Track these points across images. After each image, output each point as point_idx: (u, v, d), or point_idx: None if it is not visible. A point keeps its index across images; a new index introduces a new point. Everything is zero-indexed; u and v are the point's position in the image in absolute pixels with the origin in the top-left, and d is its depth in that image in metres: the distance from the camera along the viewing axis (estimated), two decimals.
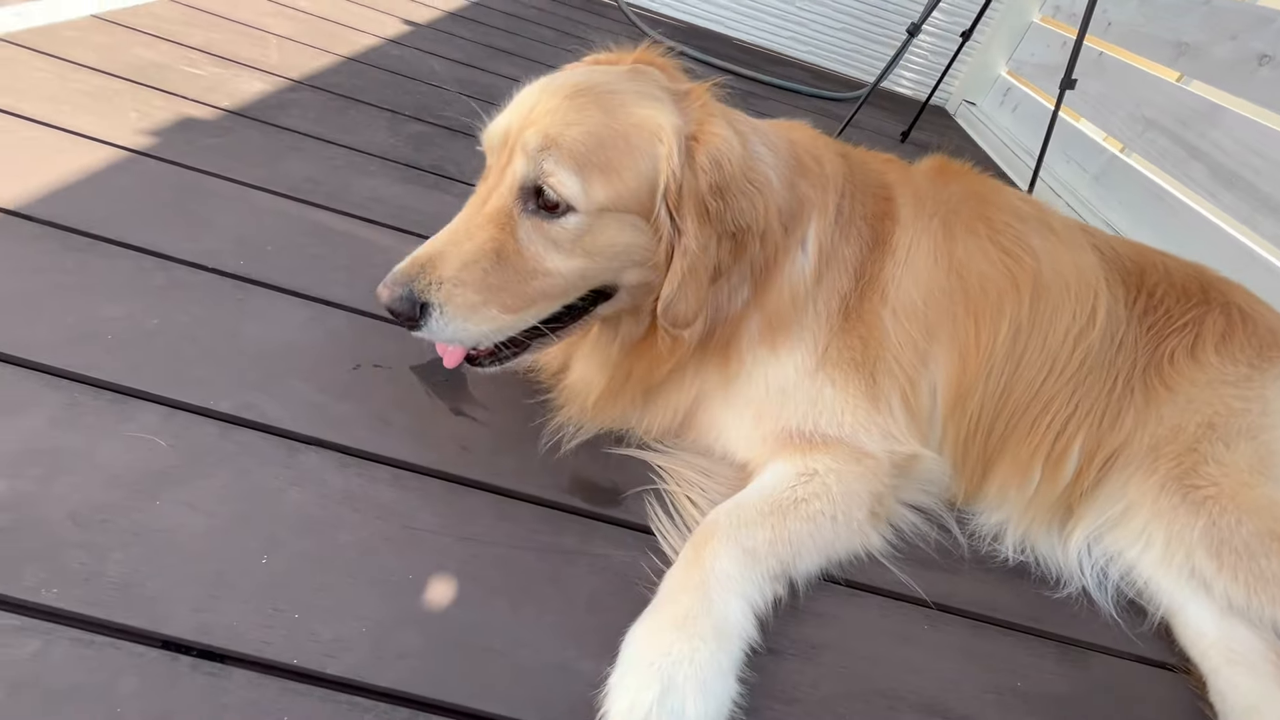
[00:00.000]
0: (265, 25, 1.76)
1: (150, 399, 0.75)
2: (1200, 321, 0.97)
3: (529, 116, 0.72)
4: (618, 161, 0.71)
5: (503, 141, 0.74)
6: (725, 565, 0.70)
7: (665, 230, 0.74)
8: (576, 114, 0.71)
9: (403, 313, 0.70)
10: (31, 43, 1.32)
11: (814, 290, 0.89)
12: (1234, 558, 0.84)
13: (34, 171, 1.00)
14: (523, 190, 0.71)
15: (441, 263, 0.70)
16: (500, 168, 0.73)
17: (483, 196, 0.74)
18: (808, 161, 0.91)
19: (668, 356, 0.82)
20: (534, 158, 0.70)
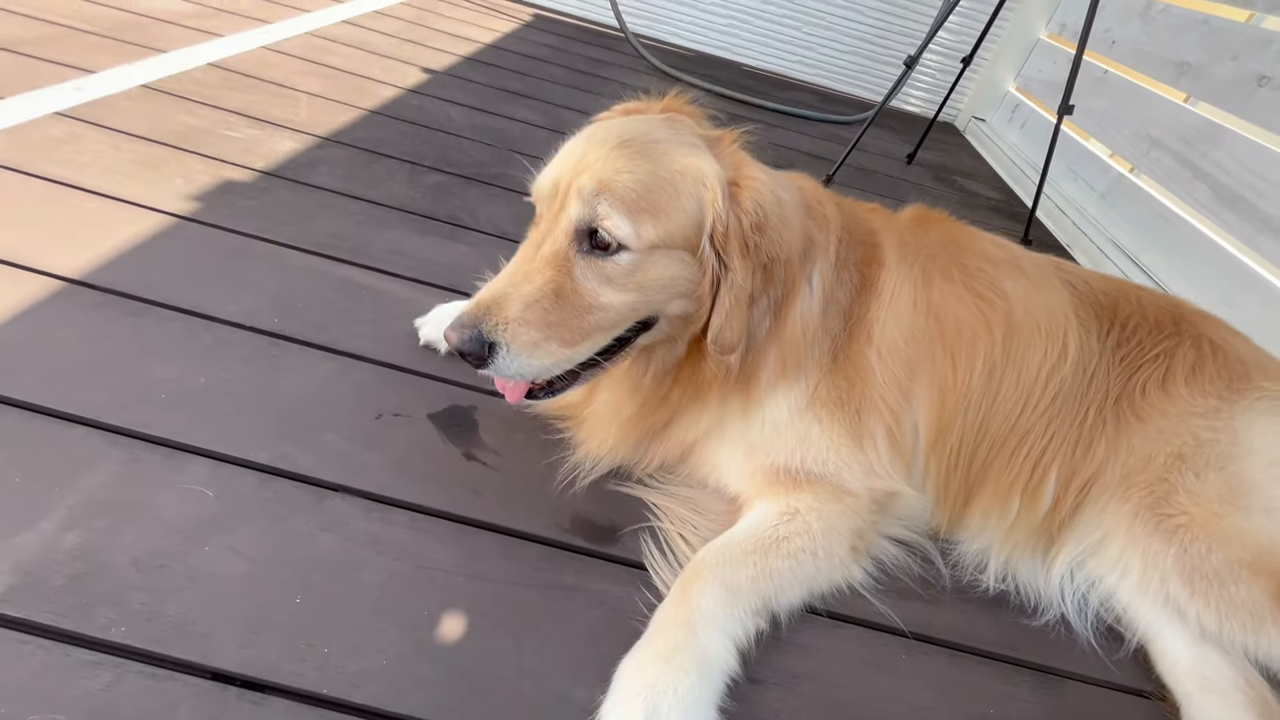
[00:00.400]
0: (296, 84, 1.89)
1: (199, 453, 0.85)
2: (1171, 354, 1.01)
3: (579, 165, 0.79)
4: (666, 204, 0.79)
5: (553, 191, 0.81)
6: (709, 602, 0.76)
7: (710, 264, 0.82)
8: (625, 162, 0.78)
9: (473, 353, 0.76)
10: (91, 116, 1.46)
11: (820, 327, 0.96)
12: (1205, 585, 0.88)
13: (95, 241, 1.12)
14: (578, 233, 0.78)
15: (506, 304, 0.76)
16: (553, 214, 0.80)
17: (536, 241, 0.81)
18: (814, 205, 0.99)
19: (711, 381, 0.90)
20: (589, 202, 0.77)
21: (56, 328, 0.96)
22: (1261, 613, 0.86)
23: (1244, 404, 0.97)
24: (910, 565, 0.97)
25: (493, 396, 1.05)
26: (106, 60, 1.70)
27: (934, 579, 0.97)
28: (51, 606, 0.66)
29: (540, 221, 0.83)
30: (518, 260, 0.81)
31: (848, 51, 3.45)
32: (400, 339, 1.11)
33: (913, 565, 0.97)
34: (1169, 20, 2.27)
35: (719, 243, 0.80)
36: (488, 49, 2.65)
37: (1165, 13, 2.30)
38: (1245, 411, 0.97)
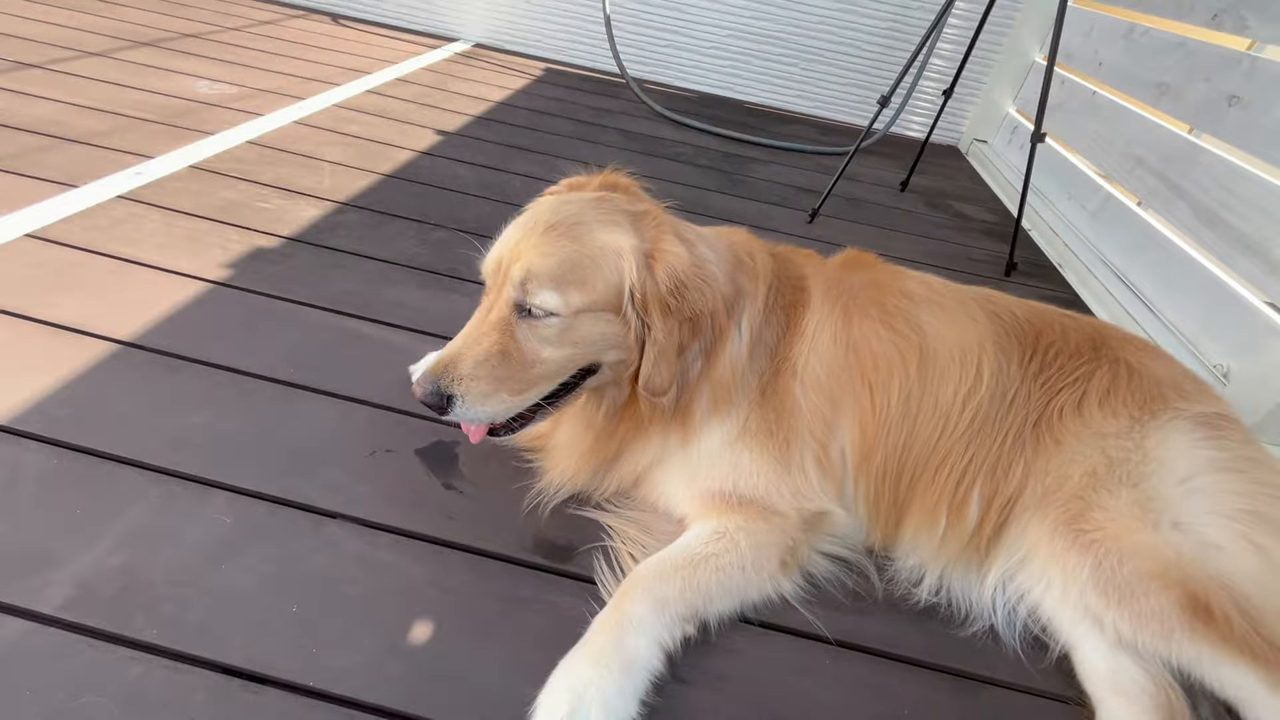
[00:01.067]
0: (322, 153, 2.13)
1: (222, 487, 1.02)
2: (1089, 378, 1.08)
3: (515, 250, 0.94)
4: (588, 276, 0.93)
5: (496, 268, 0.96)
6: (639, 610, 0.88)
7: (634, 322, 0.96)
8: (551, 246, 0.93)
9: (433, 404, 0.92)
10: (148, 197, 1.71)
11: (748, 367, 1.07)
12: (1118, 595, 0.94)
13: (147, 308, 1.33)
14: (516, 306, 0.93)
15: (460, 363, 0.92)
16: (497, 288, 0.95)
17: (486, 309, 0.96)
18: (744, 258, 1.11)
19: (651, 418, 1.03)
20: (520, 286, 0.91)
21: (112, 384, 1.15)
22: (1170, 621, 0.91)
23: (1156, 424, 1.04)
24: (845, 580, 1.06)
25: None
26: (163, 145, 1.97)
27: (867, 593, 1.05)
28: (100, 613, 0.83)
29: (489, 292, 0.97)
30: (471, 325, 0.96)
31: (845, 84, 3.56)
32: (396, 383, 1.27)
33: (848, 580, 1.06)
34: (1150, 42, 2.32)
35: (639, 305, 0.94)
36: (498, 106, 2.88)
37: (1146, 35, 2.35)
38: (1157, 431, 1.03)
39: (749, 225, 2.24)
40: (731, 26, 3.53)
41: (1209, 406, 1.06)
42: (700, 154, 2.81)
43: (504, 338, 0.93)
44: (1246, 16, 1.88)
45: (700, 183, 2.52)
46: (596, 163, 2.48)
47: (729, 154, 2.88)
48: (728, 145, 2.98)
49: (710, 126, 3.07)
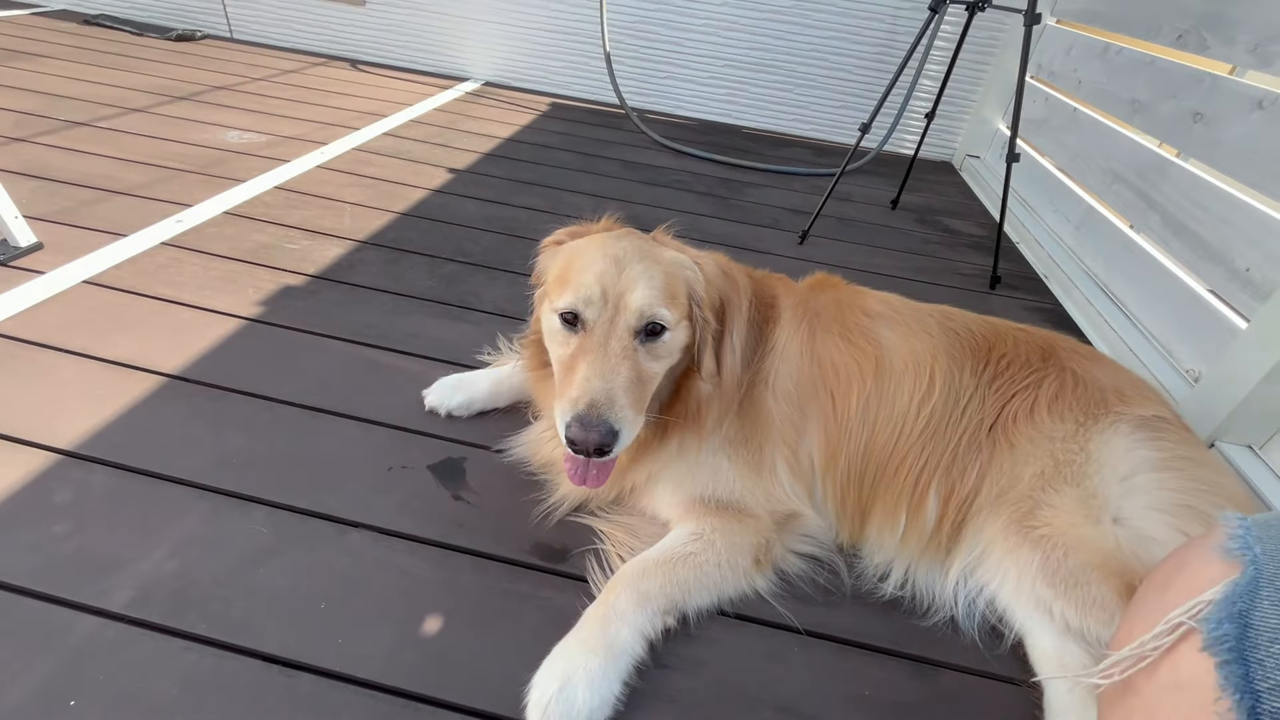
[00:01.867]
0: (343, 195, 2.31)
1: (260, 502, 1.16)
2: (1039, 385, 1.18)
3: (622, 280, 1.01)
4: (677, 291, 1.06)
5: (604, 299, 0.99)
6: (623, 603, 0.99)
7: (698, 324, 1.09)
8: (650, 269, 1.03)
9: (606, 444, 0.91)
10: (187, 243, 1.88)
11: (741, 377, 1.19)
12: (1065, 586, 1.03)
13: (190, 344, 1.49)
14: (637, 330, 1.01)
15: (615, 396, 0.94)
16: (608, 318, 0.99)
17: (599, 340, 0.98)
18: (732, 273, 1.23)
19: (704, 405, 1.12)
20: (640, 313, 1.00)
21: (162, 412, 1.31)
22: (1111, 608, 1.00)
23: (1099, 427, 1.13)
24: (816, 576, 1.16)
25: (479, 449, 1.33)
26: (199, 194, 2.16)
27: (837, 587, 1.15)
28: (159, 610, 0.97)
29: (592, 326, 1.00)
30: (595, 358, 0.97)
31: (839, 106, 3.70)
32: (410, 406, 1.41)
33: (819, 576, 1.16)
34: (1123, 61, 2.42)
35: (700, 305, 1.08)
36: (506, 143, 3.05)
37: (1120, 54, 2.45)
38: (1100, 433, 1.13)
39: (742, 248, 2.38)
40: (727, 57, 3.69)
41: (1148, 409, 1.15)
42: (698, 180, 2.96)
43: (633, 364, 0.98)
44: (1206, 37, 1.98)
45: (696, 208, 2.66)
46: (598, 193, 2.65)
47: (726, 179, 3.02)
48: (725, 170, 3.12)
49: (706, 153, 3.21)
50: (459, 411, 1.40)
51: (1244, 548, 0.67)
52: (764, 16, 3.54)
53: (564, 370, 1.01)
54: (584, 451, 0.93)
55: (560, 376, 1.02)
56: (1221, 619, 0.63)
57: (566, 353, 1.02)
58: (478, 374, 1.46)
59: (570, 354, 1.01)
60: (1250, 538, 0.68)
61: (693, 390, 1.12)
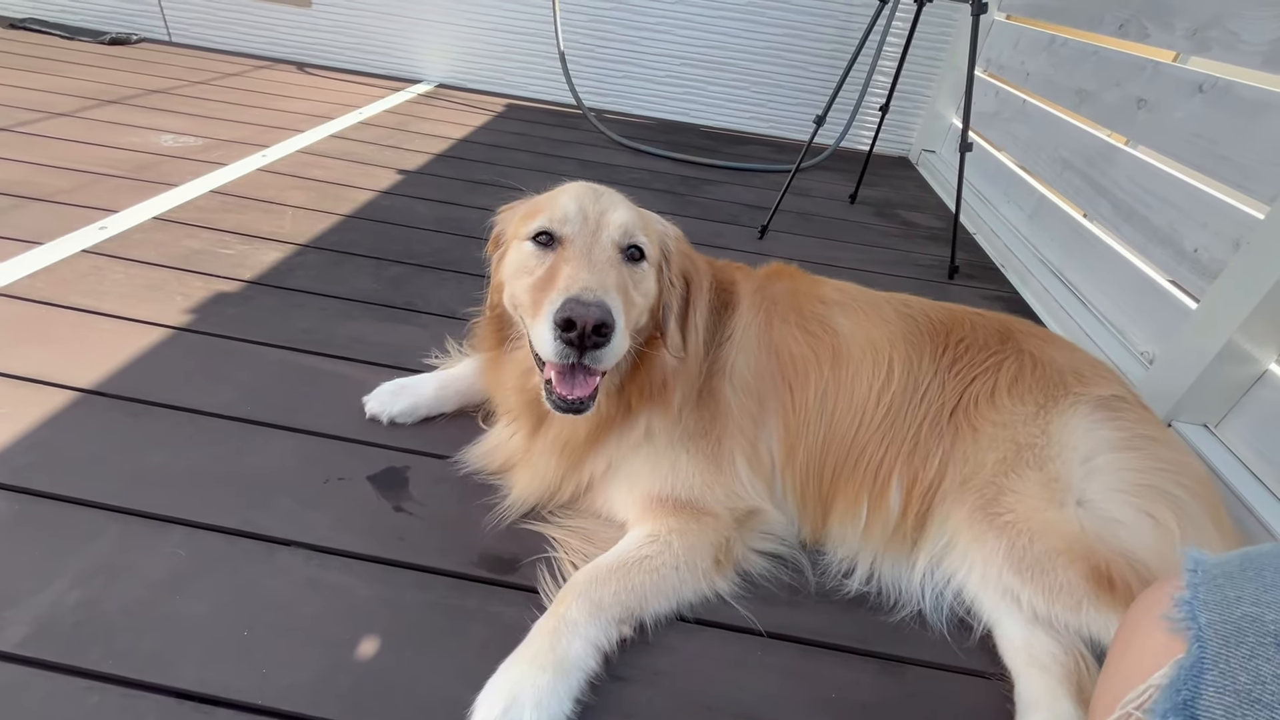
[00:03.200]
0: (285, 198, 2.20)
1: (179, 522, 1.06)
2: (998, 368, 1.15)
3: (600, 203, 0.97)
4: (651, 231, 1.03)
5: (583, 217, 0.95)
6: (574, 614, 0.93)
7: (664, 280, 1.04)
8: (628, 202, 1.01)
9: (606, 322, 0.82)
10: (111, 250, 1.76)
11: (702, 361, 1.13)
12: (1031, 572, 1.00)
13: (109, 357, 1.38)
14: (621, 246, 0.96)
15: (608, 289, 0.86)
16: (589, 233, 0.95)
17: (582, 249, 0.93)
18: (693, 253, 1.18)
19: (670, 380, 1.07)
20: (623, 229, 0.96)
21: (74, 430, 1.20)
22: (1078, 593, 0.97)
23: (1059, 409, 1.11)
24: (780, 574, 1.11)
25: (423, 456, 1.26)
26: (127, 199, 2.04)
27: (801, 586, 1.11)
28: (58, 647, 0.87)
29: (570, 240, 0.95)
30: (580, 263, 0.90)
31: (795, 104, 3.70)
32: (350, 414, 1.33)
33: (782, 574, 1.11)
34: (1068, 52, 2.45)
35: (669, 262, 1.05)
36: (459, 144, 2.97)
37: (1065, 45, 2.49)
38: (1060, 415, 1.10)
39: (701, 243, 2.34)
40: (684, 56, 3.67)
41: (1106, 389, 1.13)
42: (656, 178, 2.92)
43: (619, 275, 0.93)
44: (1147, 25, 2.01)
45: (654, 205, 2.58)
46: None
47: (685, 177, 2.99)
48: (684, 168, 3.09)
49: (664, 151, 3.18)
50: (402, 418, 1.33)
51: (1189, 618, 0.59)
52: (719, 15, 3.53)
53: (540, 286, 0.91)
54: (580, 334, 0.82)
55: (534, 295, 0.92)
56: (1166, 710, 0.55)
57: (541, 271, 0.94)
58: (423, 378, 1.38)
59: (547, 268, 0.93)
60: (1196, 604, 0.59)
61: (657, 362, 1.06)
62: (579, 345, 0.84)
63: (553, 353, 0.86)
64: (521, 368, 1.09)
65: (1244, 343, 1.39)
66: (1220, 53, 1.71)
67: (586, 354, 0.85)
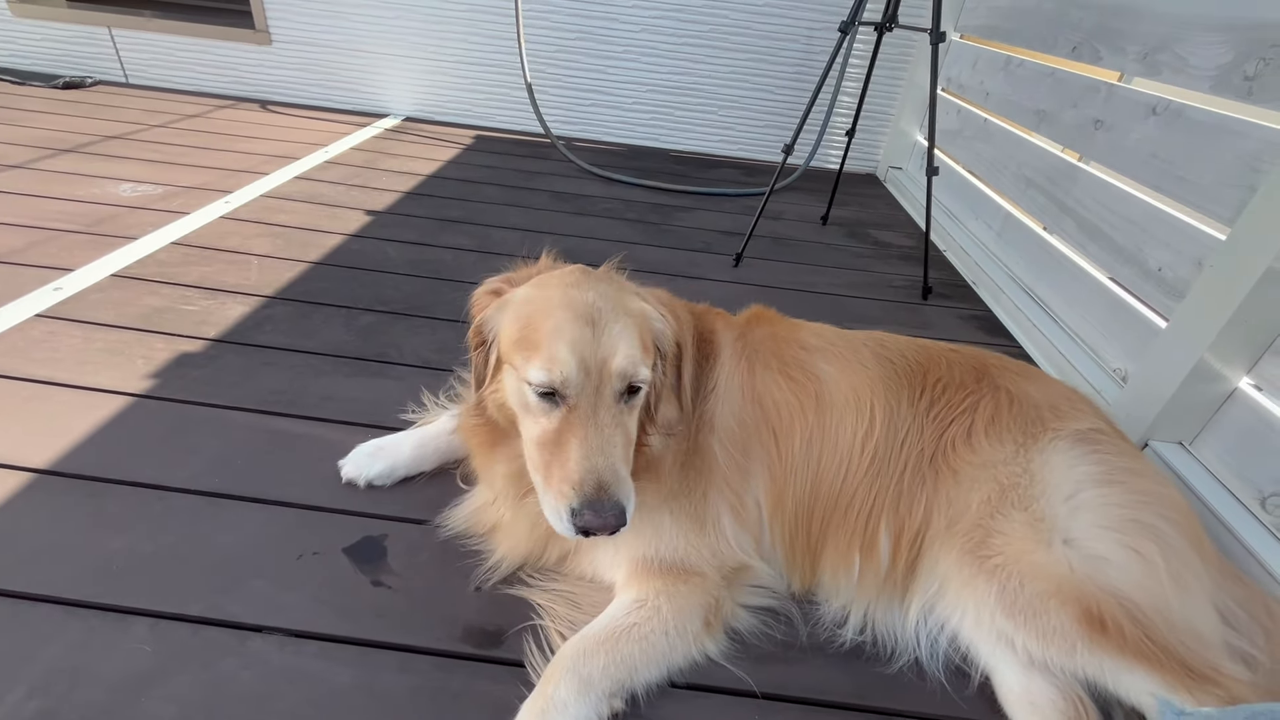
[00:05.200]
0: (249, 248, 2.15)
1: (142, 613, 1.01)
2: (974, 408, 1.15)
3: (601, 348, 0.93)
4: (648, 342, 1.00)
5: (586, 372, 0.92)
6: (563, 693, 0.90)
7: (657, 375, 1.03)
8: (624, 329, 0.95)
9: (621, 525, 0.88)
10: (66, 313, 1.70)
11: (691, 418, 1.12)
12: (1023, 616, 0.99)
13: (65, 431, 1.32)
14: (619, 393, 0.94)
15: (618, 470, 0.91)
16: (593, 389, 0.92)
17: (587, 413, 0.92)
18: (678, 313, 1.16)
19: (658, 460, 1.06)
20: (623, 376, 0.93)
21: (27, 517, 1.14)
22: (1071, 636, 0.97)
23: (1038, 446, 1.11)
24: (772, 630, 1.09)
25: (401, 523, 1.22)
26: (83, 256, 1.97)
27: (794, 639, 1.09)
28: None
29: (578, 398, 0.92)
30: (588, 433, 0.91)
31: (764, 126, 3.74)
32: (325, 480, 1.28)
33: (775, 629, 1.09)
34: (1025, 73, 2.51)
35: (662, 360, 1.03)
36: (428, 179, 2.94)
37: (1021, 66, 2.55)
38: (1040, 452, 1.11)
39: (677, 275, 2.34)
40: (651, 83, 3.69)
41: (1084, 422, 1.14)
42: (629, 207, 2.91)
43: (623, 430, 0.94)
44: (1099, 48, 2.07)
45: (628, 236, 2.61)
46: (527, 226, 2.56)
47: (657, 204, 2.99)
48: (655, 195, 3.10)
49: (635, 179, 3.19)
50: (380, 480, 1.29)
51: None
52: (683, 42, 3.57)
53: (549, 447, 0.93)
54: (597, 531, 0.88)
55: (543, 455, 0.94)
56: None
57: (549, 429, 0.94)
58: (399, 437, 1.35)
59: (554, 430, 0.93)
60: None
61: (643, 451, 1.04)
62: None
63: (568, 531, 0.90)
64: (516, 465, 1.06)
65: (1214, 362, 1.41)
66: (1170, 76, 1.76)
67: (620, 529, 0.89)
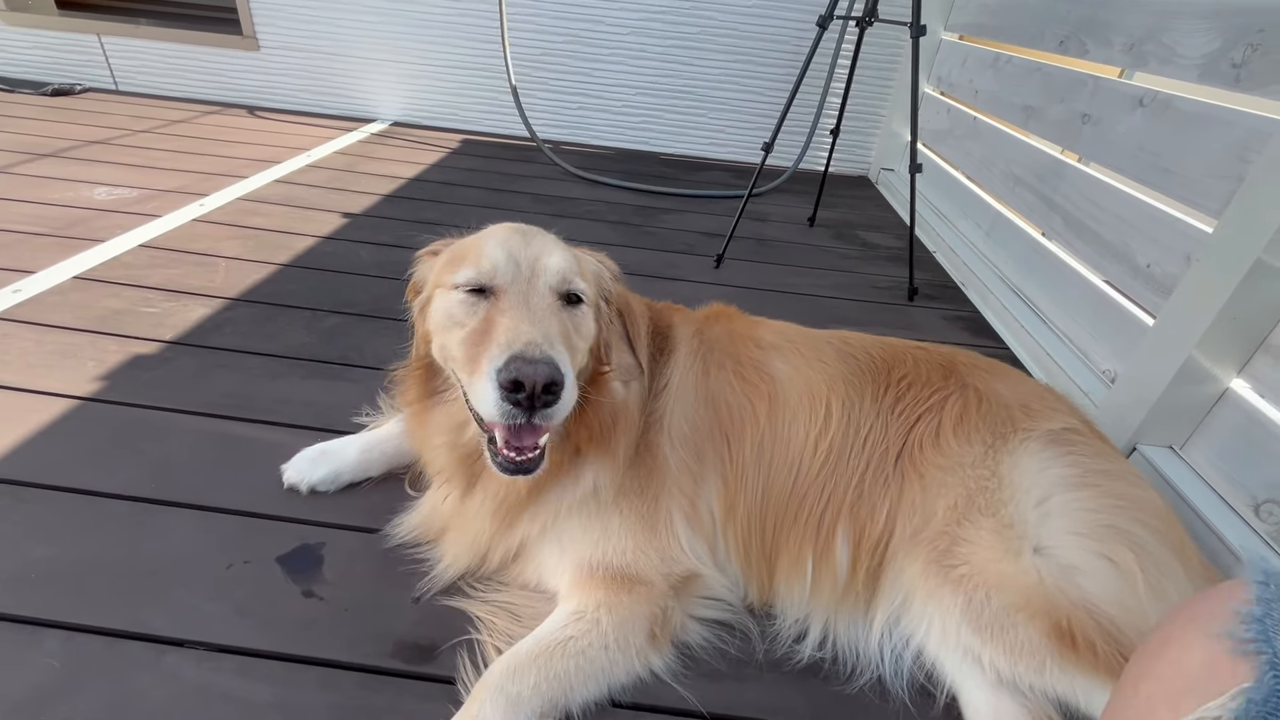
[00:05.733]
0: (220, 250, 2.11)
1: (56, 626, 0.96)
2: (941, 406, 1.09)
3: (533, 249, 0.92)
4: (587, 273, 0.99)
5: (515, 265, 0.90)
6: (488, 713, 0.84)
7: (604, 319, 1.00)
8: (559, 243, 0.96)
9: (556, 381, 0.77)
10: (22, 315, 1.66)
11: (641, 407, 1.06)
12: (990, 631, 0.93)
13: (2, 435, 1.28)
14: (558, 292, 0.91)
15: (553, 341, 0.82)
16: (524, 280, 0.90)
17: (518, 299, 0.87)
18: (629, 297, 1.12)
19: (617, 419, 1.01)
20: (560, 275, 0.91)
21: None
22: (1041, 653, 0.90)
23: (1008, 448, 1.05)
24: (726, 645, 1.03)
25: (342, 530, 1.16)
26: (48, 258, 1.94)
27: (748, 655, 1.03)
28: None
29: (505, 290, 0.89)
30: (518, 313, 0.85)
31: (753, 128, 3.70)
32: (266, 486, 1.23)
33: (729, 645, 1.03)
34: (1013, 69, 2.46)
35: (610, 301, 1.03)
36: (409, 183, 2.91)
37: (1010, 63, 2.49)
38: (1010, 454, 1.04)
39: (655, 276, 2.29)
40: (639, 85, 3.66)
41: (1057, 422, 1.07)
42: (612, 210, 2.87)
43: (561, 322, 0.88)
44: (1085, 41, 2.01)
45: (609, 238, 2.56)
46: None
47: (641, 206, 2.95)
48: (639, 198, 3.05)
49: (619, 181, 3.14)
50: (323, 486, 1.23)
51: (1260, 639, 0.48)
52: (671, 44, 3.53)
53: (475, 340, 0.85)
54: (529, 394, 0.77)
55: (468, 350, 0.85)
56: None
57: (474, 323, 0.87)
58: (346, 441, 1.29)
59: (481, 319, 0.87)
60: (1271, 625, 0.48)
61: (601, 403, 0.99)
62: (528, 405, 0.78)
63: (498, 413, 0.80)
64: (453, 420, 1.00)
65: (1203, 361, 1.34)
66: (1158, 67, 1.70)
67: (536, 413, 0.79)
